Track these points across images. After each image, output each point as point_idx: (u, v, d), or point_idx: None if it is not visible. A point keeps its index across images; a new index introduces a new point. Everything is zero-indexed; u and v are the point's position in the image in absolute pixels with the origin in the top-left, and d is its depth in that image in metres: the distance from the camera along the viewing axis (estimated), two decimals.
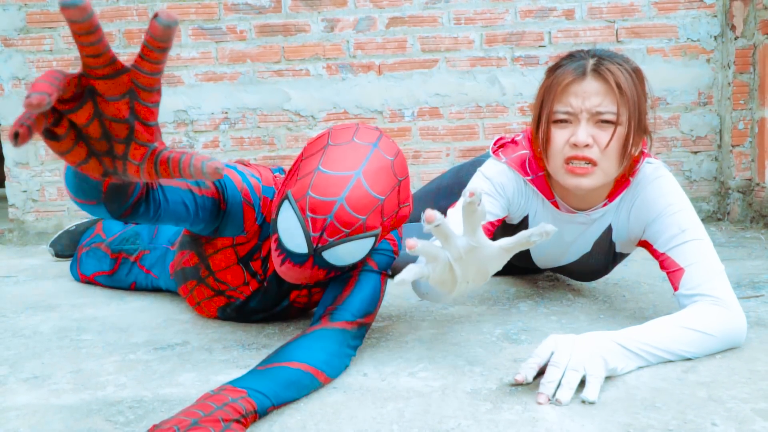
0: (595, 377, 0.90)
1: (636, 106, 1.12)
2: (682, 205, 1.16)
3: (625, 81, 1.11)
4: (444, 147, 2.75)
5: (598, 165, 1.13)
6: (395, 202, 1.01)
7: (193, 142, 2.77)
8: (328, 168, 0.97)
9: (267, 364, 0.95)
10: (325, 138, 1.03)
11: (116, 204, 0.81)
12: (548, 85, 1.17)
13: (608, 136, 1.11)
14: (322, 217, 0.96)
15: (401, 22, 2.69)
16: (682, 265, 1.11)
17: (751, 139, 2.60)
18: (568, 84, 1.13)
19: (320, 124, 2.74)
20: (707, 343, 1.02)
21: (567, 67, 1.15)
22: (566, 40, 2.66)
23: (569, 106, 1.12)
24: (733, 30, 2.57)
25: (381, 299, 1.15)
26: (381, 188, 0.98)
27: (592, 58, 1.14)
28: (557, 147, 1.15)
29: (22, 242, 2.77)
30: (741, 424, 0.80)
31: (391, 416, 0.87)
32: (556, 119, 1.14)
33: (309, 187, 0.96)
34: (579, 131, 1.11)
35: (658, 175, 1.21)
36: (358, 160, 0.98)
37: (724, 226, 2.55)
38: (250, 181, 1.13)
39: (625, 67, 1.13)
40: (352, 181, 0.96)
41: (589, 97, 1.11)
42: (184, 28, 2.72)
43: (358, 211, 0.96)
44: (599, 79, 1.11)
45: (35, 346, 1.25)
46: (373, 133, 1.03)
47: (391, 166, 1.00)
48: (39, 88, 0.51)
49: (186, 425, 0.76)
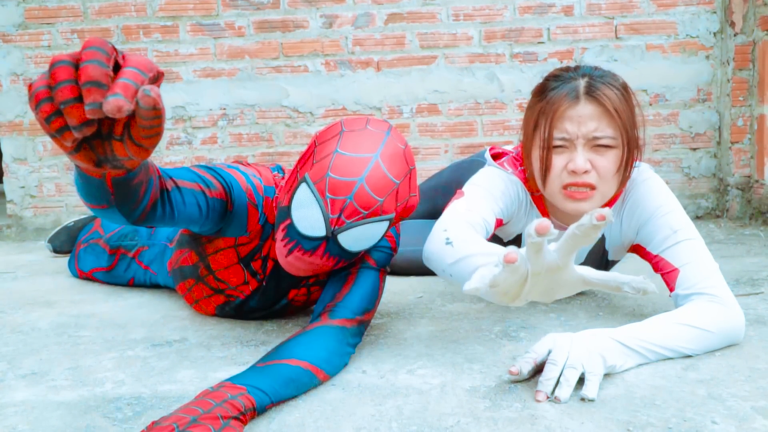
0: (594, 375, 0.90)
1: (630, 127, 1.12)
2: (671, 206, 1.16)
3: (619, 103, 1.10)
4: (442, 143, 2.74)
5: (597, 189, 1.12)
6: (407, 188, 1.03)
7: (191, 138, 2.76)
8: (346, 150, 0.99)
9: (267, 361, 0.95)
10: (339, 126, 1.04)
11: (128, 207, 0.80)
12: (541, 110, 1.14)
13: (606, 160, 1.10)
14: (341, 198, 0.97)
15: (400, 18, 2.68)
16: (677, 266, 1.11)
17: (750, 136, 2.60)
18: (563, 109, 1.10)
19: (318, 121, 2.74)
20: (706, 339, 1.02)
21: (559, 90, 1.12)
22: (565, 37, 2.66)
23: (565, 132, 1.10)
24: (733, 26, 2.56)
25: (380, 296, 1.15)
26: (397, 172, 1.00)
27: (582, 79, 1.12)
28: (555, 173, 1.13)
29: (20, 238, 2.77)
30: (741, 422, 0.80)
31: (390, 413, 0.86)
32: (553, 145, 1.12)
33: (329, 168, 0.98)
34: (577, 158, 1.10)
35: (645, 178, 1.20)
36: (375, 143, 1.00)
37: (723, 223, 2.55)
38: (253, 181, 1.14)
39: (616, 86, 1.11)
40: (372, 162, 0.97)
41: (585, 122, 1.09)
42: (182, 24, 2.71)
43: (376, 192, 0.97)
44: (593, 103, 1.09)
45: (33, 343, 1.25)
46: (384, 124, 1.05)
47: (403, 153, 1.02)
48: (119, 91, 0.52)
49: (185, 423, 0.76)
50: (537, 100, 1.16)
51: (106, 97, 0.53)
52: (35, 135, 2.76)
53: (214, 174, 1.07)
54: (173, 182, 0.94)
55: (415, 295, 1.55)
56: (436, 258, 1.06)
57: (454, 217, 1.12)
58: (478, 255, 0.96)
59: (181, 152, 2.76)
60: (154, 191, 0.85)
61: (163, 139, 2.76)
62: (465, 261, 0.99)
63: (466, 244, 1.00)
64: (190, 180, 0.99)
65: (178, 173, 0.98)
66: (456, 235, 1.04)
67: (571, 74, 1.14)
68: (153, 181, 0.83)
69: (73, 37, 2.71)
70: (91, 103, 0.54)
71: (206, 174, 1.04)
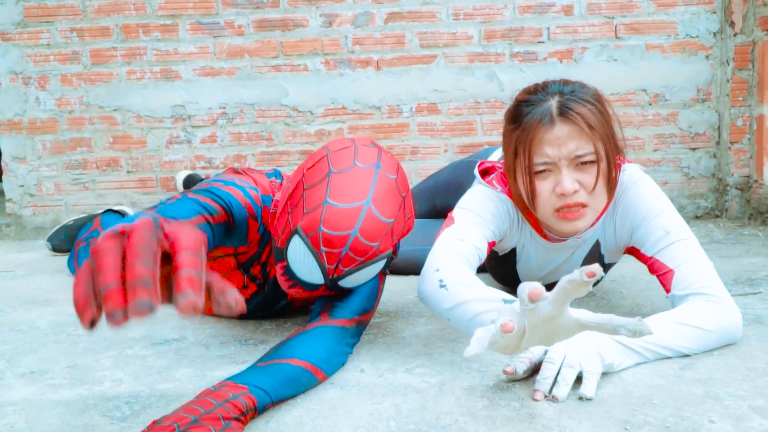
0: (592, 373, 0.90)
1: (609, 137, 1.10)
2: (663, 207, 1.16)
3: (594, 117, 1.08)
4: (442, 143, 2.74)
5: (589, 205, 1.12)
6: (402, 219, 1.03)
7: (190, 137, 2.76)
8: (336, 200, 0.96)
9: (267, 360, 0.95)
10: (326, 164, 1.01)
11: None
12: (518, 138, 1.12)
13: (592, 176, 1.09)
14: (337, 250, 0.96)
15: (400, 17, 2.68)
16: (672, 267, 1.10)
17: (750, 136, 2.60)
18: (541, 135, 1.09)
19: (318, 120, 2.74)
20: (703, 338, 1.02)
21: (532, 115, 1.10)
22: (565, 36, 2.66)
23: (546, 156, 1.09)
24: (732, 26, 2.56)
25: (379, 297, 1.15)
26: (390, 212, 0.99)
27: (553, 99, 1.10)
28: (544, 198, 1.12)
29: (19, 237, 2.77)
30: (738, 421, 0.80)
31: (388, 412, 0.86)
32: (536, 171, 1.11)
33: (321, 222, 0.96)
34: (564, 181, 1.08)
35: (634, 180, 1.20)
36: (365, 187, 0.98)
37: (722, 223, 2.55)
38: (250, 194, 1.13)
39: (587, 99, 1.09)
40: (364, 212, 0.96)
41: (564, 143, 1.08)
42: (182, 23, 2.71)
43: (371, 239, 0.97)
44: (569, 123, 1.07)
45: (32, 341, 1.25)
46: (372, 152, 1.02)
47: (396, 185, 1.01)
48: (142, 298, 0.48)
49: (186, 423, 0.76)
50: (512, 128, 1.14)
51: (177, 298, 0.50)
52: (34, 134, 2.76)
53: (213, 197, 1.06)
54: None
55: (413, 295, 1.55)
56: (432, 302, 1.06)
57: (445, 254, 1.09)
58: (475, 301, 0.96)
59: (180, 151, 2.76)
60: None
61: (162, 139, 2.76)
62: (462, 307, 0.98)
63: (460, 289, 1.00)
64: (193, 213, 0.98)
65: (181, 210, 0.97)
66: (449, 277, 1.03)
67: (541, 95, 1.11)
68: None
69: (73, 35, 2.71)
70: (139, 303, 0.49)
71: (206, 199, 1.04)
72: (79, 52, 2.73)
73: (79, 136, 2.77)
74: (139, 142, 2.77)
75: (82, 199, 2.80)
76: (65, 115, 2.76)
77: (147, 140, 2.77)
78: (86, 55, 2.73)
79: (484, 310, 0.93)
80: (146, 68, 2.73)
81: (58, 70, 2.73)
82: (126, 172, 2.79)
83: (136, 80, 2.74)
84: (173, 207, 0.98)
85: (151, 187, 2.79)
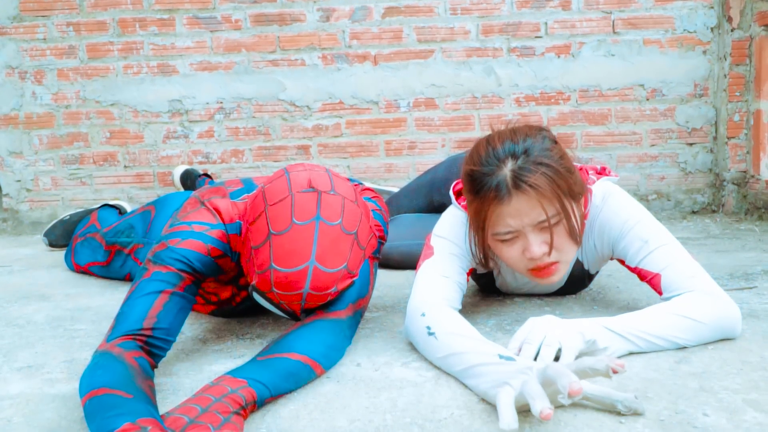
0: (569, 348, 0.90)
1: (566, 190, 1.08)
2: (637, 217, 1.16)
3: (550, 182, 1.05)
4: (439, 138, 2.74)
5: (560, 261, 1.12)
6: (358, 252, 1.02)
7: (188, 132, 2.76)
8: (281, 265, 0.96)
9: (266, 354, 0.95)
10: (264, 223, 0.98)
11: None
12: (478, 210, 1.10)
13: (559, 235, 1.09)
14: (296, 302, 0.99)
15: (397, 11, 2.68)
16: (657, 271, 1.11)
17: (747, 131, 2.60)
18: (500, 210, 1.07)
19: (315, 115, 2.73)
20: (699, 330, 1.02)
21: (488, 188, 1.07)
22: (563, 31, 2.65)
23: (509, 227, 1.08)
24: (730, 21, 2.56)
25: (372, 283, 1.16)
26: (339, 261, 0.98)
27: (505, 165, 1.06)
28: (515, 260, 1.13)
29: (16, 232, 2.77)
30: (732, 415, 0.80)
31: (384, 406, 0.87)
32: (502, 239, 1.11)
33: (272, 284, 0.97)
34: (531, 247, 1.08)
35: (605, 196, 1.20)
36: (306, 248, 0.96)
37: (718, 218, 2.56)
38: (211, 236, 1.07)
39: (542, 162, 1.05)
40: (310, 273, 0.96)
41: (525, 213, 1.06)
42: (179, 17, 2.70)
43: (325, 288, 0.98)
44: (526, 194, 1.05)
45: (29, 336, 1.25)
46: (310, 200, 0.97)
47: (341, 228, 0.98)
48: None
49: (182, 425, 0.75)
50: (472, 198, 1.12)
51: None
52: (31, 128, 2.76)
53: (172, 262, 1.02)
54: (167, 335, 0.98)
55: (410, 289, 1.55)
56: (420, 347, 1.05)
57: (429, 297, 1.09)
58: (468, 353, 0.93)
59: (177, 146, 2.76)
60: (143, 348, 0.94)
61: (159, 134, 2.76)
62: (456, 358, 0.95)
63: (451, 339, 0.97)
64: (155, 297, 0.98)
65: (144, 304, 0.97)
66: (438, 326, 1.01)
67: (493, 164, 1.08)
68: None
69: (69, 29, 2.71)
70: None
71: (166, 268, 1.01)
72: (76, 46, 2.72)
73: (75, 130, 2.76)
74: (136, 137, 2.77)
75: (79, 194, 2.80)
76: (62, 110, 2.75)
77: (144, 135, 2.76)
78: (83, 50, 2.72)
79: (478, 363, 0.90)
80: (143, 63, 2.72)
81: (54, 64, 2.72)
82: (123, 167, 2.78)
83: (132, 75, 2.73)
84: (135, 303, 0.97)
85: (148, 182, 2.79)
